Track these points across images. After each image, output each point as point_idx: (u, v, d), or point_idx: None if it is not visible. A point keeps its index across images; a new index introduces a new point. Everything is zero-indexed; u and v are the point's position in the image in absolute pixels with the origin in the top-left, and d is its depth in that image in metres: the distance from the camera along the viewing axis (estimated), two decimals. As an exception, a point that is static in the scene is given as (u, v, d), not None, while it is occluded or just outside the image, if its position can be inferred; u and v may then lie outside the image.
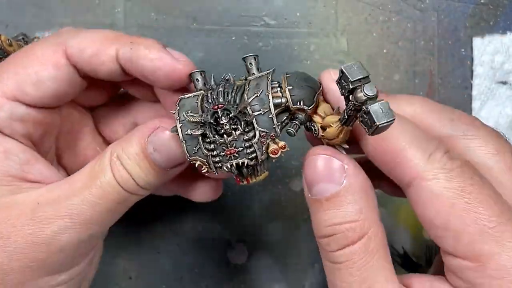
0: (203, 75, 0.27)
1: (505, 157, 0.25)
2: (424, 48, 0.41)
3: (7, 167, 0.27)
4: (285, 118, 0.26)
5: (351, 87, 0.22)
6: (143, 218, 0.40)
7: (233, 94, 0.25)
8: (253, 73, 0.27)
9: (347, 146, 0.26)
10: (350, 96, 0.23)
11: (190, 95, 0.27)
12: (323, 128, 0.26)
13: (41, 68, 0.27)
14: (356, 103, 0.22)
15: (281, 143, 0.25)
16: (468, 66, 0.41)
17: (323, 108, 0.26)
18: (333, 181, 0.24)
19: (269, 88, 0.25)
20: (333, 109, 0.26)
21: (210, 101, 0.25)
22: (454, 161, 0.23)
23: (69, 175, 0.33)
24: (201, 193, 0.33)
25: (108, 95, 0.34)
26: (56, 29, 0.40)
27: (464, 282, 0.23)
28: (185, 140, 0.25)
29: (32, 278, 0.25)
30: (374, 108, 0.22)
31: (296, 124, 0.26)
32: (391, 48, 0.41)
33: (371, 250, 0.24)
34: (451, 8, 0.41)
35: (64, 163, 0.33)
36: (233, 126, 0.25)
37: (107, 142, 0.35)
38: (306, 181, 0.25)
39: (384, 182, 0.31)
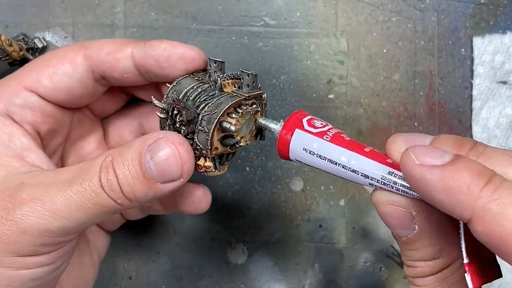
0: (217, 63, 0.30)
1: None
2: (424, 48, 0.41)
3: (9, 148, 0.28)
4: (232, 143, 0.28)
5: None
6: (143, 218, 0.40)
7: (202, 99, 0.28)
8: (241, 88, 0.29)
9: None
10: None
11: (195, 76, 0.30)
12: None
13: (59, 63, 0.30)
14: None
15: (208, 164, 0.28)
16: (468, 66, 0.41)
17: None
18: (406, 228, 0.24)
19: (222, 112, 0.27)
20: None
21: (189, 95, 0.29)
22: None
23: None
24: (189, 205, 0.33)
25: (119, 104, 0.35)
26: (56, 29, 0.40)
27: None
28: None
29: None
30: None
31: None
32: (391, 48, 0.41)
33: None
34: (451, 8, 0.41)
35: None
36: (182, 127, 0.28)
37: (92, 116, 0.36)
38: None
39: None
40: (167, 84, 0.30)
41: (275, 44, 0.40)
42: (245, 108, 0.28)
